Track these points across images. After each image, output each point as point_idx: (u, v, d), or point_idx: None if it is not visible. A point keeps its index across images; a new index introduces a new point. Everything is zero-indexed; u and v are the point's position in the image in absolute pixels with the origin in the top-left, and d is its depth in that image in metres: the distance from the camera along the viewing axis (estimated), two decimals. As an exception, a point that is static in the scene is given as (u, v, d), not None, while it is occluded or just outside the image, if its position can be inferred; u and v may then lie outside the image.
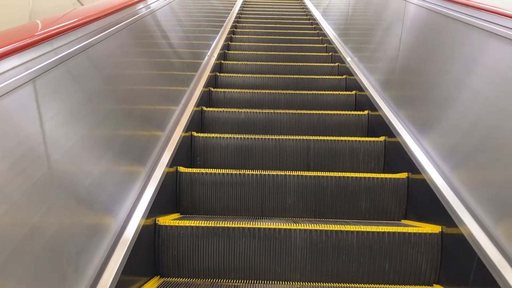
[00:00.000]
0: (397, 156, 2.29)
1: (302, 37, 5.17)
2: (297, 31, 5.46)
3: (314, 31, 5.52)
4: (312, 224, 1.72)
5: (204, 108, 2.92)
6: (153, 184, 1.71)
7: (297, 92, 3.31)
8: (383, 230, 1.69)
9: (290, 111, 2.92)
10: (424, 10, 2.21)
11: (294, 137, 2.52)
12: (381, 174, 2.18)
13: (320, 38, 5.12)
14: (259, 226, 1.71)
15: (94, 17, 1.29)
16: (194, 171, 2.16)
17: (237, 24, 5.74)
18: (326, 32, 5.07)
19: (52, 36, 1.02)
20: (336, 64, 4.08)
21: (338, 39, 4.48)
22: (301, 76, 3.73)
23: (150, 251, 1.67)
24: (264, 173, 2.15)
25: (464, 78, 1.73)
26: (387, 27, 2.97)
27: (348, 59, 3.70)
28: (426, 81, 2.13)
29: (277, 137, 2.52)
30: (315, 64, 4.18)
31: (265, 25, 5.76)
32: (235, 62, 4.17)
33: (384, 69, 2.91)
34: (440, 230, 1.68)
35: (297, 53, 4.49)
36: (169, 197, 2.05)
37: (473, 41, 1.71)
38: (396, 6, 2.73)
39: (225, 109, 2.94)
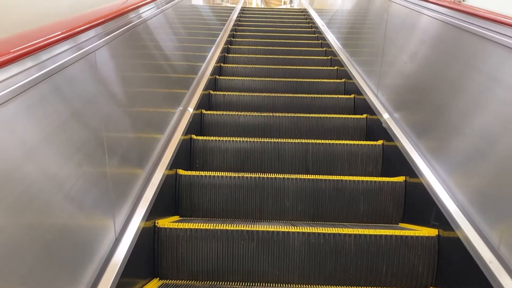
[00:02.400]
0: (394, 160, 2.31)
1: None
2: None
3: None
4: (310, 227, 1.73)
5: (204, 111, 2.93)
6: (152, 186, 1.72)
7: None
8: (380, 233, 1.71)
9: (290, 115, 2.95)
10: (433, 21, 2.23)
11: (293, 141, 2.54)
12: (379, 177, 2.20)
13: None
14: (257, 229, 1.72)
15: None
16: (193, 174, 2.18)
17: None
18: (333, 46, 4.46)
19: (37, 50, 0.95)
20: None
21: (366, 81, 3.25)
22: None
23: (149, 253, 1.68)
24: (263, 176, 2.16)
25: (458, 83, 1.75)
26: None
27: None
28: (425, 86, 2.15)
29: (276, 140, 2.54)
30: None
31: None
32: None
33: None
34: (437, 233, 1.69)
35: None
36: (169, 199, 2.07)
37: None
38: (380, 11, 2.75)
39: (225, 113, 2.96)
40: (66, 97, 1.09)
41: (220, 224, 1.74)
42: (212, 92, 3.36)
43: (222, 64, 4.11)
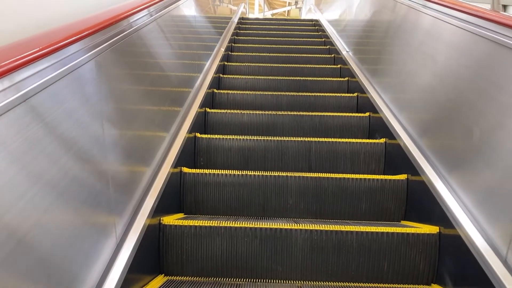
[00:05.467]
0: (397, 158, 2.33)
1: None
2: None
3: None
4: (313, 224, 1.76)
5: (208, 110, 2.96)
6: (158, 184, 1.75)
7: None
8: (382, 231, 1.73)
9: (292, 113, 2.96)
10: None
11: (295, 139, 2.56)
12: (381, 175, 2.22)
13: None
14: (260, 226, 1.75)
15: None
16: (198, 172, 2.20)
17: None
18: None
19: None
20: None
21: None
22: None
23: (154, 250, 1.71)
24: (266, 174, 2.19)
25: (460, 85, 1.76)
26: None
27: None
28: (428, 84, 2.17)
29: (279, 138, 2.57)
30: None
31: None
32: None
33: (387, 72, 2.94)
34: (438, 230, 1.71)
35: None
36: (173, 197, 2.09)
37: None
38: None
39: (228, 111, 2.99)
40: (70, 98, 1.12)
41: (224, 221, 1.77)
42: (216, 90, 3.38)
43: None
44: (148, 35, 1.94)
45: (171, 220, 1.77)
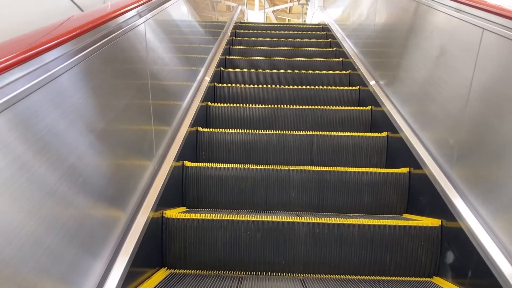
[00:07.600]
0: (399, 151, 2.33)
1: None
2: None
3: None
4: (315, 218, 1.76)
5: (209, 104, 2.96)
6: (161, 178, 1.76)
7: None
8: (384, 223, 1.73)
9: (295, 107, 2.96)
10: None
11: (297, 133, 2.56)
12: (383, 169, 2.22)
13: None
14: (263, 219, 1.75)
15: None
16: (200, 166, 2.21)
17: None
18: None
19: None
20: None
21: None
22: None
23: (157, 243, 1.72)
24: (268, 167, 2.19)
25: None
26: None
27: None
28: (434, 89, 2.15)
29: (281, 132, 2.57)
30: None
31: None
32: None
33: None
34: (440, 223, 1.72)
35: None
36: (176, 190, 2.10)
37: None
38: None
39: (230, 105, 2.98)
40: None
41: (226, 215, 1.77)
42: (217, 84, 3.38)
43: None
44: (137, 35, 1.93)
45: (173, 213, 1.78)
